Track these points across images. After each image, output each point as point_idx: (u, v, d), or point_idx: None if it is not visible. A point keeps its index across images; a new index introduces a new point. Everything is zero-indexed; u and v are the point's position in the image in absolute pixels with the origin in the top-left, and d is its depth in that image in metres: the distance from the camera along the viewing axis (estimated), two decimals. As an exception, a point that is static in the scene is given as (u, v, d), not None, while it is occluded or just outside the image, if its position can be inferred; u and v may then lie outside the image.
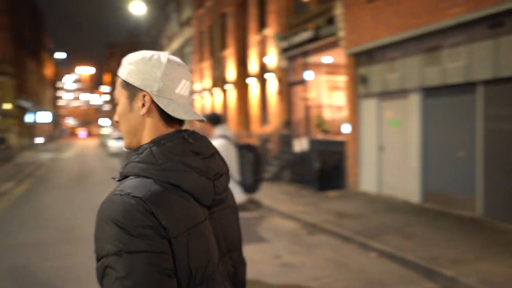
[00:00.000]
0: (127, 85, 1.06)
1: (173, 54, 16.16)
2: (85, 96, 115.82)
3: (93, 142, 52.94)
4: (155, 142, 1.01)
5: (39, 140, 41.43)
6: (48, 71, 55.47)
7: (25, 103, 33.17)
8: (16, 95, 29.54)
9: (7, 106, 26.32)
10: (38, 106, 41.97)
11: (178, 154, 0.99)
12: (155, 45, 31.67)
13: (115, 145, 26.02)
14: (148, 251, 0.86)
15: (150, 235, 0.87)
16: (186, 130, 1.06)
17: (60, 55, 58.19)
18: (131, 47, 45.34)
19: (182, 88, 1.06)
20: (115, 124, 1.13)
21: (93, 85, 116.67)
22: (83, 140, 62.85)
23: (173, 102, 1.03)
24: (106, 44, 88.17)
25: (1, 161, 17.99)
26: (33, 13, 40.79)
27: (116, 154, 24.87)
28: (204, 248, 0.97)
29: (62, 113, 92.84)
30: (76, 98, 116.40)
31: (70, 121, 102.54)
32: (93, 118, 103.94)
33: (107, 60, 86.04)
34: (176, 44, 27.47)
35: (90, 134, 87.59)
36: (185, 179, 0.97)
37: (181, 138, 1.02)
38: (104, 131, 47.63)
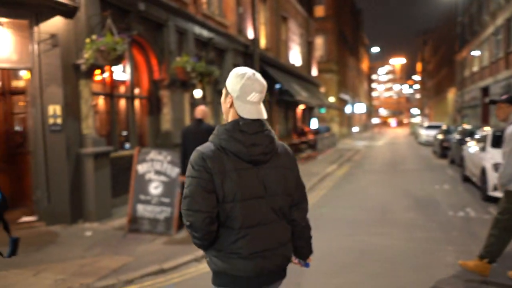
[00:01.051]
0: (226, 88, 1.83)
1: (498, 29, 14.12)
2: (397, 87, 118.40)
3: (403, 131, 53.53)
4: (223, 124, 1.78)
5: (355, 129, 45.67)
6: (364, 65, 60.03)
7: (345, 96, 37.29)
8: (338, 89, 33.63)
9: (331, 99, 30.37)
10: (355, 98, 46.21)
11: (229, 130, 1.73)
12: (474, 23, 28.58)
13: (426, 133, 25.44)
14: (198, 177, 1.68)
15: (201, 170, 1.68)
16: (244, 119, 1.74)
17: (374, 49, 61.89)
18: (446, 31, 42.62)
19: (252, 97, 1.74)
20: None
21: (404, 75, 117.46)
22: (394, 129, 64.63)
23: (242, 105, 1.75)
24: (418, 33, 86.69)
25: (327, 147, 21.07)
26: (353, 13, 44.96)
27: (427, 143, 24.30)
28: (233, 183, 1.68)
29: (376, 104, 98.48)
30: (388, 89, 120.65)
31: (382, 111, 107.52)
32: (403, 108, 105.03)
33: (419, 49, 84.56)
34: (500, 19, 23.86)
35: (400, 123, 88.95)
36: (229, 145, 1.71)
37: (236, 123, 1.73)
38: (415, 120, 47.19)
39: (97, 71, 6.93)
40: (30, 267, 4.79)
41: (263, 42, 16.38)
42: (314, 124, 25.75)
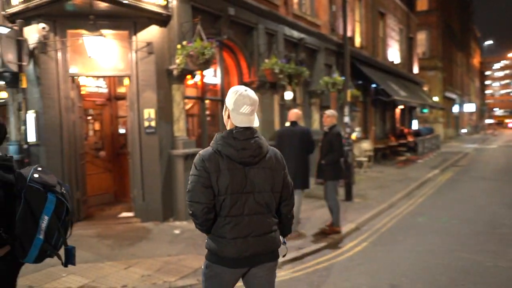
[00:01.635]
0: (225, 102, 2.20)
1: None
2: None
3: (523, 133, 47.39)
4: (222, 132, 2.17)
5: (463, 130, 41.59)
6: (475, 61, 54.39)
7: (451, 95, 34.12)
8: (444, 87, 30.91)
9: (436, 98, 28.02)
10: (464, 97, 42.04)
11: (225, 137, 2.12)
12: None
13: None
14: (198, 176, 2.08)
15: (201, 170, 2.08)
16: (237, 128, 2.12)
17: (487, 42, 55.75)
18: None
19: (243, 109, 2.11)
20: None
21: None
22: (511, 130, 57.53)
23: (236, 116, 2.11)
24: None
25: (429, 150, 19.43)
26: (461, 4, 41.01)
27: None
28: (226, 180, 2.07)
29: (490, 103, 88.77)
30: (505, 86, 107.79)
31: (497, 111, 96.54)
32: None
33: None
34: None
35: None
36: (224, 149, 2.10)
37: (230, 131, 2.13)
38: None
39: (188, 76, 7.21)
40: (123, 260, 5.13)
41: (357, 41, 15.71)
42: (414, 125, 24.01)
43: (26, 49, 6.32)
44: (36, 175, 2.03)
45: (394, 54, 20.25)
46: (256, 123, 2.17)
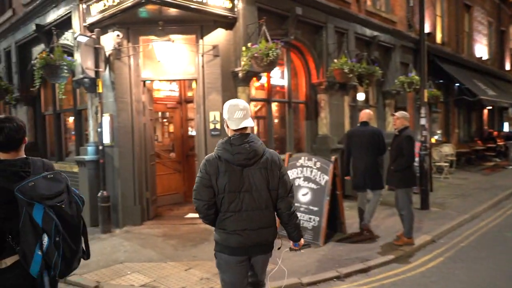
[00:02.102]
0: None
1: None
2: None
3: None
4: (222, 139, 2.58)
5: None
6: None
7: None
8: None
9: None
10: None
11: (224, 143, 2.50)
12: None
13: None
14: (201, 177, 2.49)
15: (203, 172, 2.48)
16: (235, 134, 2.51)
17: None
18: None
19: (236, 115, 2.50)
20: None
21: None
22: None
23: (232, 121, 2.51)
24: None
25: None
26: None
27: None
28: (224, 181, 2.43)
29: None
30: None
31: None
32: None
33: None
34: None
35: None
36: (222, 153, 2.46)
37: (228, 138, 2.52)
38: None
39: (254, 78, 7.15)
40: (185, 261, 5.19)
41: (438, 36, 14.58)
42: (505, 127, 21.74)
43: (102, 56, 6.73)
44: (31, 184, 1.93)
45: (481, 49, 18.50)
46: (250, 124, 2.53)
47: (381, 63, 10.55)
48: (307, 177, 6.13)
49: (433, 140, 13.22)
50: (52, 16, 7.94)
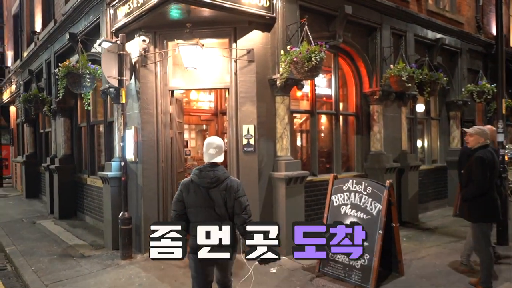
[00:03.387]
0: None
1: None
2: None
3: None
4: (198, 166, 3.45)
5: None
6: None
7: None
8: None
9: None
10: None
11: (196, 170, 3.30)
12: None
13: None
14: (177, 194, 3.33)
15: (180, 190, 3.32)
16: (207, 164, 3.30)
17: None
18: None
19: (210, 150, 3.27)
20: None
21: None
22: None
23: (206, 156, 3.30)
24: None
25: None
26: None
27: None
28: (192, 198, 3.23)
29: None
30: None
31: None
32: None
33: None
34: None
35: None
36: (194, 178, 3.26)
37: (201, 166, 3.30)
38: None
39: (295, 86, 6.24)
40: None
41: (513, 39, 12.83)
42: None
43: (127, 63, 6.14)
44: None
45: None
46: (220, 160, 3.30)
47: (445, 69, 9.21)
48: (355, 204, 5.08)
49: (505, 158, 11.49)
50: (84, 23, 7.57)
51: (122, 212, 5.98)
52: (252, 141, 5.94)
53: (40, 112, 10.13)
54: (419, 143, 9.63)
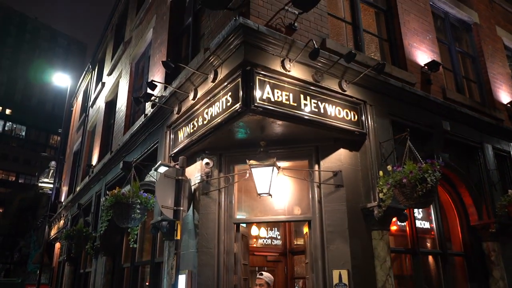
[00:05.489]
0: None
1: None
2: None
3: None
4: None
5: None
6: None
7: None
8: None
9: None
10: None
11: None
12: None
13: None
14: None
15: None
16: None
17: None
18: None
19: None
20: None
21: None
22: None
23: None
24: None
25: None
26: None
27: None
28: None
29: None
30: None
31: None
32: None
33: None
34: None
35: None
36: None
37: None
38: None
39: (395, 217, 4.83)
40: None
41: None
42: None
43: (186, 191, 5.08)
44: None
45: None
46: None
47: None
48: None
49: None
50: (139, 151, 6.90)
51: None
52: (347, 293, 4.32)
53: (83, 250, 9.07)
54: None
